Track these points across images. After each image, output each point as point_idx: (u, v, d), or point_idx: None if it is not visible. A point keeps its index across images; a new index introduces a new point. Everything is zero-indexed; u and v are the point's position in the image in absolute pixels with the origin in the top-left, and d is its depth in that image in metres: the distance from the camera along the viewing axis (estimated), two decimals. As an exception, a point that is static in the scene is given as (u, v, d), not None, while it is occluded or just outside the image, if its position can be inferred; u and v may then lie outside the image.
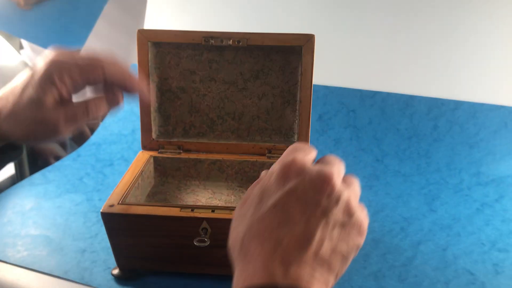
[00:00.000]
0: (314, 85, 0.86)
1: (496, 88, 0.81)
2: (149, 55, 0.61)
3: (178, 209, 0.50)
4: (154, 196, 0.61)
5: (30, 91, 0.45)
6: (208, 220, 0.50)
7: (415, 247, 0.63)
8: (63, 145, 0.91)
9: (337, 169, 0.36)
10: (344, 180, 0.37)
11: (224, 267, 0.54)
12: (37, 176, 0.77)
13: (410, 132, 0.81)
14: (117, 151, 0.84)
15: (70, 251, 0.60)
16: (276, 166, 0.37)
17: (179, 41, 0.61)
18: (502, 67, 0.80)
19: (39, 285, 0.55)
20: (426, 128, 0.81)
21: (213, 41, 0.60)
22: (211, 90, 0.64)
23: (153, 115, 0.64)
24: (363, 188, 0.75)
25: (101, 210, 0.50)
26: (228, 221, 0.44)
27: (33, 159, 0.84)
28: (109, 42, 1.04)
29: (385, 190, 0.75)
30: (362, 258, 0.61)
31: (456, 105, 0.81)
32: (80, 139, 0.89)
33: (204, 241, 0.50)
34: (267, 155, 0.64)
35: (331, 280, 0.33)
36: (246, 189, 0.62)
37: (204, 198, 0.61)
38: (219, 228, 0.50)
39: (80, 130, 0.93)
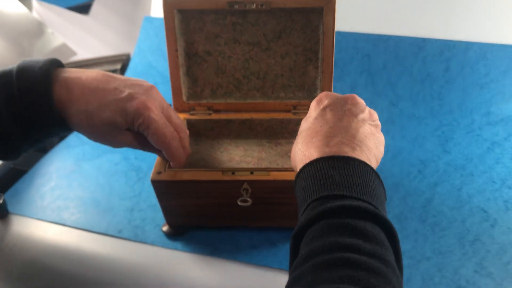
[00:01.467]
0: (328, 31, 0.88)
1: (506, 28, 0.83)
2: (175, 22, 0.63)
3: (220, 172, 0.55)
4: (192, 156, 0.65)
5: (113, 112, 0.48)
6: (248, 182, 0.55)
7: (432, 189, 0.69)
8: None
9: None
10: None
11: (263, 220, 0.60)
12: (72, 138, 0.81)
13: (423, 74, 0.84)
14: (142, 107, 0.87)
15: (119, 210, 0.65)
16: (312, 102, 0.50)
17: (204, 7, 0.62)
18: (511, 5, 0.82)
19: (99, 246, 0.61)
20: (438, 70, 0.84)
21: (237, 6, 0.62)
22: (236, 52, 0.66)
23: (182, 78, 0.67)
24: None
25: (150, 178, 0.55)
26: (266, 182, 0.54)
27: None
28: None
29: (401, 133, 0.80)
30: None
31: (467, 46, 0.83)
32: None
33: (247, 201, 0.56)
34: (292, 111, 0.67)
35: (372, 159, 0.43)
36: (275, 145, 0.67)
37: (238, 156, 0.65)
38: (258, 188, 0.55)
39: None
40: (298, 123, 0.66)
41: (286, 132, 0.68)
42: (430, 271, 0.56)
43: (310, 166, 0.41)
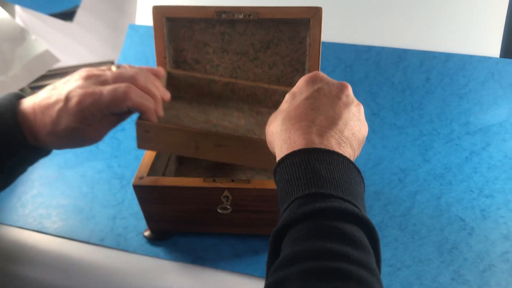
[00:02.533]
0: (312, 41, 0.89)
1: (484, 40, 0.85)
2: (164, 30, 0.64)
3: (201, 179, 0.56)
4: (167, 112, 0.63)
5: (66, 120, 0.49)
6: (229, 189, 0.55)
7: (412, 197, 0.70)
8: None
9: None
10: None
11: (245, 227, 0.60)
12: (55, 145, 0.81)
13: (404, 85, 0.86)
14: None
15: (102, 218, 0.65)
16: (302, 78, 0.48)
17: (192, 16, 0.63)
18: (490, 19, 0.84)
19: (81, 254, 0.61)
20: (418, 80, 0.86)
21: (225, 16, 0.63)
22: (224, 61, 0.67)
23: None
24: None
25: (132, 183, 0.55)
26: (247, 190, 0.54)
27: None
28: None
29: (382, 142, 0.81)
30: (366, 210, 0.68)
31: (447, 58, 0.85)
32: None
33: (227, 208, 0.57)
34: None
35: (354, 154, 0.43)
36: (256, 113, 0.67)
37: (215, 118, 0.64)
38: (239, 196, 0.56)
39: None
40: (283, 94, 0.66)
41: (270, 101, 0.68)
42: (409, 279, 0.57)
43: (296, 156, 0.39)
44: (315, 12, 0.61)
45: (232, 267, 0.58)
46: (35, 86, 0.95)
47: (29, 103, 0.51)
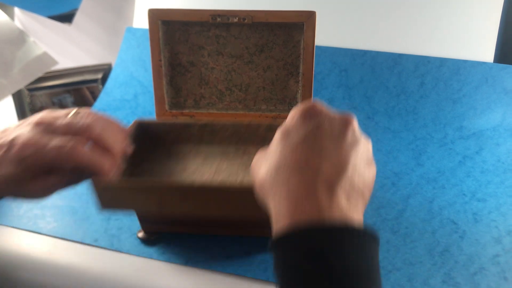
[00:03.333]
0: (307, 45, 0.90)
1: (478, 45, 0.86)
2: (160, 33, 0.65)
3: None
4: (139, 166, 0.63)
5: (5, 167, 0.44)
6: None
7: (405, 201, 0.71)
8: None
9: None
10: None
11: (237, 229, 0.61)
12: (51, 146, 0.81)
13: (398, 89, 0.87)
14: (123, 117, 0.87)
15: (96, 219, 0.66)
16: (295, 111, 0.39)
17: (188, 19, 0.64)
18: (484, 25, 0.85)
19: (75, 254, 0.61)
20: (413, 85, 0.86)
21: (219, 19, 0.63)
22: (219, 64, 0.68)
23: (165, 88, 0.68)
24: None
25: None
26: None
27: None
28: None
29: (376, 146, 0.82)
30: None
31: (442, 62, 0.86)
32: (83, 103, 0.93)
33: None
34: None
35: (363, 209, 0.36)
36: (243, 153, 0.66)
37: (194, 165, 0.64)
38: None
39: (82, 95, 0.96)
40: (270, 128, 0.65)
41: (256, 138, 0.67)
42: (400, 282, 0.58)
43: (302, 240, 0.32)
44: (309, 16, 0.62)
45: (224, 269, 0.58)
46: (32, 88, 0.96)
47: None
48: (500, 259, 0.60)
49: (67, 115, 0.48)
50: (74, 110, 0.49)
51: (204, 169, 0.63)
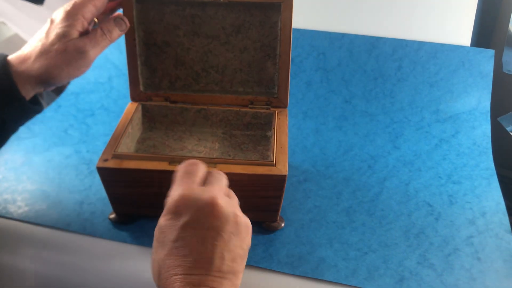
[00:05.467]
0: (285, 28, 0.89)
1: (456, 29, 0.86)
2: (134, 11, 0.63)
3: (166, 163, 0.55)
4: (144, 143, 0.65)
5: (56, 30, 0.53)
6: None
7: (381, 183, 0.71)
8: (39, 94, 0.92)
9: (220, 189, 0.43)
10: (226, 193, 0.44)
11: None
12: (23, 130, 0.79)
13: (376, 73, 0.86)
14: (96, 100, 0.85)
15: (69, 203, 0.64)
16: (168, 204, 0.42)
17: None
18: (461, 9, 0.85)
19: (46, 239, 0.60)
20: (391, 68, 0.86)
21: (195, -4, 0.62)
22: (195, 44, 0.66)
23: (140, 68, 0.66)
24: (334, 128, 0.83)
25: (96, 165, 0.54)
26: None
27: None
28: None
29: (354, 130, 0.81)
30: (335, 195, 0.68)
31: (419, 46, 0.86)
32: (57, 87, 0.90)
33: None
34: (249, 106, 0.68)
35: (238, 283, 0.40)
36: (230, 136, 0.67)
37: (190, 145, 0.65)
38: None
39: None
40: (254, 116, 0.67)
41: (241, 124, 0.68)
42: (376, 263, 0.58)
43: None
44: (286, -4, 0.61)
45: (199, 252, 0.58)
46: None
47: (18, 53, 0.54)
48: (473, 240, 0.61)
49: None
50: None
51: (200, 148, 0.65)
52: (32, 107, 0.55)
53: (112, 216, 0.61)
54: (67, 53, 0.53)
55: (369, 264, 0.58)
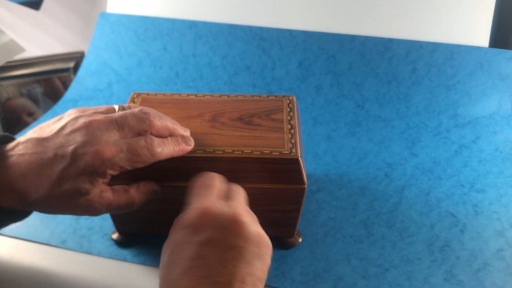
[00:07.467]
0: (293, 30, 0.85)
1: (473, 29, 0.82)
2: None
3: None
4: None
5: (74, 182, 0.39)
6: None
7: (399, 193, 0.66)
8: (35, 101, 0.88)
9: (243, 205, 0.39)
10: (248, 210, 0.40)
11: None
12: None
13: (389, 76, 0.82)
14: (95, 108, 0.81)
15: (64, 218, 0.60)
16: (185, 217, 0.38)
17: None
18: (478, 8, 0.80)
19: (40, 257, 0.55)
20: (405, 71, 0.82)
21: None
22: None
23: None
24: (346, 135, 0.77)
25: None
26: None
27: (6, 120, 0.81)
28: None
29: (367, 136, 0.77)
30: (351, 206, 0.63)
31: (434, 47, 0.81)
32: (54, 94, 0.86)
33: None
34: None
35: None
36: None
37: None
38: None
39: (53, 85, 0.90)
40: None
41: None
42: (399, 280, 0.53)
43: None
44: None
45: (206, 270, 0.53)
46: (-2, 78, 0.89)
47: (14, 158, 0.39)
48: (504, 254, 0.56)
49: (109, 111, 0.44)
50: (117, 106, 0.46)
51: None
52: (19, 214, 0.44)
53: (115, 236, 0.57)
54: (75, 209, 0.41)
55: (391, 282, 0.53)
